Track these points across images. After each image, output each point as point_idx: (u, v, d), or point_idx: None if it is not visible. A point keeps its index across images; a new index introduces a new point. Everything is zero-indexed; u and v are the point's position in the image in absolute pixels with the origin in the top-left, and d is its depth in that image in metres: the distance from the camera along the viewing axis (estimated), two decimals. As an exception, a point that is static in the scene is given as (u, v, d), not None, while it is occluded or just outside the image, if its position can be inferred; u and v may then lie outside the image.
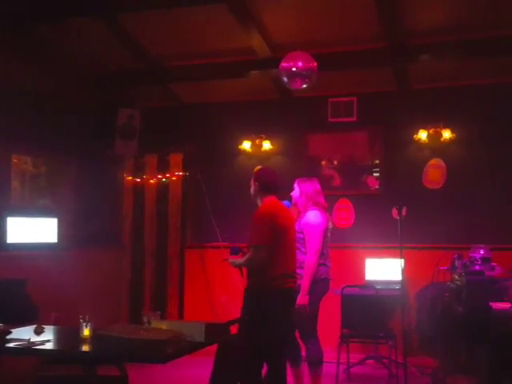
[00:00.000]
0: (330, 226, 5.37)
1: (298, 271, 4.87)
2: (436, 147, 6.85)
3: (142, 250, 7.91)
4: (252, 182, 4.68)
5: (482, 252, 4.97)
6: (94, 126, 7.46)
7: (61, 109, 6.91)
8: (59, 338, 3.86)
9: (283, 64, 5.40)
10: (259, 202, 4.60)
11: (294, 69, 5.34)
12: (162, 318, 5.00)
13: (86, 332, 3.55)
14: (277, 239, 4.34)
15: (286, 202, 4.94)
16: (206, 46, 6.72)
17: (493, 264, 4.91)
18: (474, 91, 6.79)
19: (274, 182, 4.63)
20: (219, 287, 7.23)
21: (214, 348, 3.63)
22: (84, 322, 3.55)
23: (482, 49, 6.22)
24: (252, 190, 4.68)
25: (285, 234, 4.45)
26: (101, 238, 7.37)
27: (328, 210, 5.48)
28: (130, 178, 7.96)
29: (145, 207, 7.97)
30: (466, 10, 5.86)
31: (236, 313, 4.58)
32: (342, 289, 5.70)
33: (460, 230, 6.47)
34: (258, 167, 4.96)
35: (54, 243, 6.71)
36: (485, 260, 4.89)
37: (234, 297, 6.03)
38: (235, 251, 4.80)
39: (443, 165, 6.86)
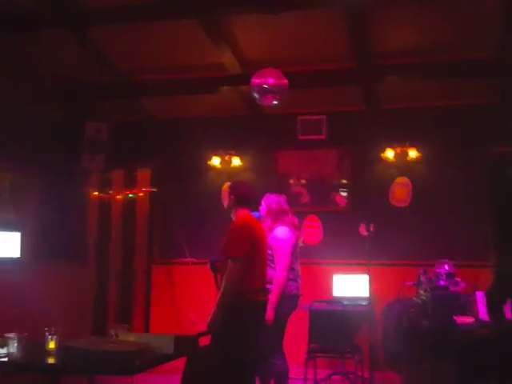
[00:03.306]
0: (300, 243, 5.39)
1: (268, 286, 4.88)
2: (402, 166, 6.97)
3: (107, 265, 7.83)
4: (227, 195, 4.69)
5: (446, 268, 5.08)
6: (61, 140, 7.36)
7: (27, 121, 6.81)
8: (24, 350, 3.79)
9: (254, 80, 5.42)
10: (234, 215, 4.59)
11: (265, 85, 5.37)
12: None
13: (52, 344, 3.49)
14: (253, 251, 4.33)
15: (256, 214, 4.94)
16: (176, 61, 6.73)
17: (457, 279, 5.02)
18: (439, 112, 6.95)
19: (250, 195, 4.66)
20: (187, 304, 7.18)
21: (182, 364, 3.59)
22: (49, 334, 3.49)
23: (446, 71, 6.38)
24: (227, 203, 4.69)
25: (259, 246, 4.45)
26: (65, 253, 7.25)
27: (298, 227, 5.51)
28: (96, 193, 7.88)
29: (111, 223, 7.90)
30: (431, 34, 6.00)
31: (204, 329, 4.54)
32: (310, 304, 5.71)
33: (425, 246, 6.54)
34: (228, 183, 4.93)
35: (17, 258, 6.58)
36: (449, 275, 5.00)
37: (202, 314, 5.99)
38: (213, 263, 4.73)
39: (409, 183, 6.97)
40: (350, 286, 6.55)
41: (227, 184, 7.11)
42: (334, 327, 5.60)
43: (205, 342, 4.08)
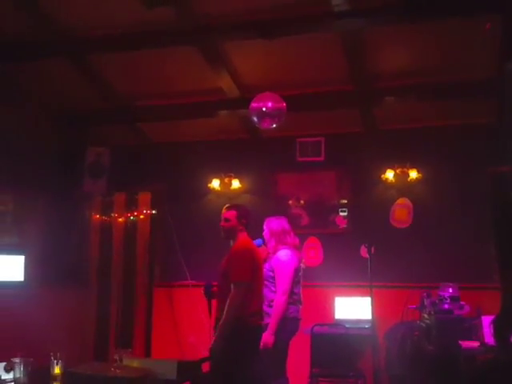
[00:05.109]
0: (302, 265, 5.37)
1: (267, 310, 4.87)
2: (403, 187, 6.95)
3: (109, 288, 7.81)
4: (233, 217, 4.60)
5: (450, 291, 5.02)
6: (63, 164, 7.43)
7: (30, 147, 6.88)
8: (30, 375, 3.77)
9: (253, 104, 5.45)
10: (234, 238, 4.57)
11: (264, 109, 5.39)
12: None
13: (57, 370, 3.48)
14: (254, 276, 4.37)
15: (258, 241, 4.94)
16: (176, 87, 6.78)
17: (462, 303, 4.95)
18: (438, 132, 6.93)
19: (251, 219, 4.69)
20: (187, 327, 7.16)
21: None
22: (55, 359, 3.49)
23: (443, 92, 6.40)
24: (229, 224, 4.59)
25: (259, 271, 4.51)
26: (68, 276, 7.26)
27: (299, 248, 5.49)
28: (98, 216, 7.90)
29: (112, 245, 7.89)
30: (428, 55, 6.04)
31: (205, 353, 4.54)
32: (312, 327, 5.68)
33: (427, 268, 6.49)
34: (228, 204, 4.88)
35: (21, 281, 6.58)
36: (454, 299, 4.94)
37: (202, 337, 5.97)
38: (208, 288, 4.77)
39: (410, 204, 6.95)
40: (352, 308, 6.52)
41: (229, 205, 7.10)
42: (337, 351, 5.59)
43: (207, 367, 4.06)
